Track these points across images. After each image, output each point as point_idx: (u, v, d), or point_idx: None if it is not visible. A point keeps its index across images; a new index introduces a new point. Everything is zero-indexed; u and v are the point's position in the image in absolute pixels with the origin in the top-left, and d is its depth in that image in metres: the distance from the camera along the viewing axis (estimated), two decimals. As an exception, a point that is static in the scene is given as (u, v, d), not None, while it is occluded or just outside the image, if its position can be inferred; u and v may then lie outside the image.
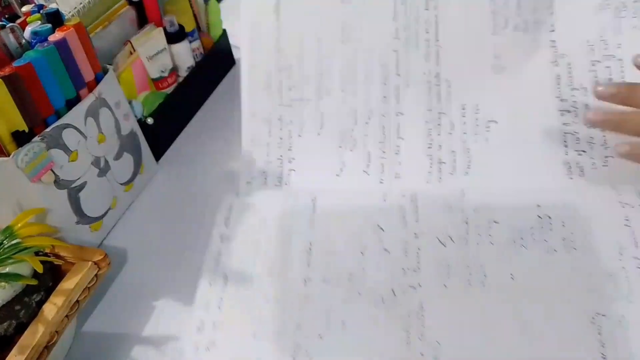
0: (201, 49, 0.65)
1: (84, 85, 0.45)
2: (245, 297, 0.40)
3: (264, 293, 0.40)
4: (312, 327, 0.37)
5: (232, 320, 0.39)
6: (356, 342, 0.36)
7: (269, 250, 0.42)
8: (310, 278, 0.40)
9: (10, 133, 0.38)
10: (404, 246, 0.40)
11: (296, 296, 0.39)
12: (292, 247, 0.42)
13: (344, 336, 0.37)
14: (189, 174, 0.56)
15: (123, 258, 0.48)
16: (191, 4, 0.63)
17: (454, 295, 0.37)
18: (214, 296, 0.40)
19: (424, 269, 0.39)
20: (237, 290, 0.41)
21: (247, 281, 0.41)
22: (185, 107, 0.64)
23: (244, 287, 0.41)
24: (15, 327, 0.35)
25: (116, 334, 0.41)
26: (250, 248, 0.43)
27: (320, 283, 0.40)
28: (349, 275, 0.40)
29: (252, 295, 0.40)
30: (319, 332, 0.37)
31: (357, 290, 0.39)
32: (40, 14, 0.45)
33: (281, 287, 0.40)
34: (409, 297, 0.38)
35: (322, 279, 0.40)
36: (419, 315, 0.37)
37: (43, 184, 0.41)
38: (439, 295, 0.38)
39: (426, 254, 0.40)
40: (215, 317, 0.39)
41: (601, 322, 0.35)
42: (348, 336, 0.37)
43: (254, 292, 0.40)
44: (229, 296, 0.40)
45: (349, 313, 0.38)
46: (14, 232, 0.38)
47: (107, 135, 0.47)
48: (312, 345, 0.36)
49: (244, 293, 0.40)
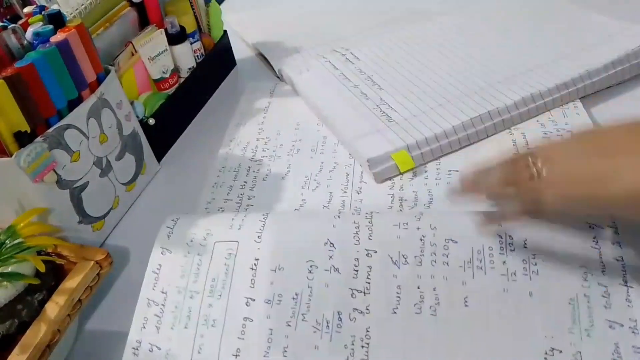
0: (202, 49, 0.65)
1: (85, 86, 0.45)
2: (185, 317, 0.38)
3: (203, 314, 0.38)
4: (252, 353, 0.35)
5: (174, 343, 0.37)
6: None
7: (212, 267, 0.40)
8: (252, 298, 0.37)
9: (13, 133, 0.39)
10: (354, 265, 0.37)
11: (236, 319, 0.37)
12: (235, 264, 0.39)
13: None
14: (190, 174, 0.56)
15: (125, 257, 0.48)
16: (192, 5, 0.63)
17: (403, 324, 0.35)
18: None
19: (374, 291, 0.36)
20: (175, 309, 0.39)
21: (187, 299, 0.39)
22: (187, 108, 0.64)
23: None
24: (17, 326, 0.36)
25: (118, 332, 0.41)
26: (188, 266, 0.40)
27: (263, 304, 0.37)
28: (295, 295, 0.37)
29: (192, 316, 0.38)
30: (259, 359, 0.35)
31: (301, 312, 0.36)
32: (42, 15, 0.45)
33: (221, 308, 0.38)
34: (355, 323, 0.35)
35: (265, 300, 0.37)
36: (363, 343, 0.35)
37: (45, 184, 0.41)
38: (386, 322, 0.35)
39: (377, 274, 0.37)
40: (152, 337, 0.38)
41: (555, 359, 0.32)
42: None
43: (193, 313, 0.38)
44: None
45: (291, 338, 0.35)
46: (16, 231, 0.38)
47: (109, 135, 0.48)
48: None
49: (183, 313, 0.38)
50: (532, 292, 0.34)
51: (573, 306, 0.33)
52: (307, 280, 0.37)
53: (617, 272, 0.34)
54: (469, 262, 0.36)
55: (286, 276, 0.38)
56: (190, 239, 0.41)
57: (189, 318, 0.38)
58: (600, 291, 0.33)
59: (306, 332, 0.36)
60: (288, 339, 0.35)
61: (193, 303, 0.38)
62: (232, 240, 0.40)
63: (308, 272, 0.38)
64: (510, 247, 0.36)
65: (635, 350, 0.31)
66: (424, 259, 0.37)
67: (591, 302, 0.33)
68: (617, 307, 0.33)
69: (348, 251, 0.38)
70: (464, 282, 0.35)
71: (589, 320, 0.33)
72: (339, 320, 0.36)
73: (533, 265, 0.35)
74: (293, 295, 0.37)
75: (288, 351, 0.35)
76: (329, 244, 0.38)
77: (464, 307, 0.35)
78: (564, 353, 0.32)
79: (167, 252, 0.41)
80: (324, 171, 0.52)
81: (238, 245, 0.40)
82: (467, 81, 0.55)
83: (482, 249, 0.36)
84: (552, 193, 0.32)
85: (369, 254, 0.37)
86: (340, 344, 0.35)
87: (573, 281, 0.34)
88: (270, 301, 0.37)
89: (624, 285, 0.33)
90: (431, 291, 0.35)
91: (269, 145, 0.57)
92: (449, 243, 0.37)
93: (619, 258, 0.34)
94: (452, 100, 0.53)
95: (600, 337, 0.32)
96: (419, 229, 0.38)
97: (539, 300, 0.34)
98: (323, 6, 0.86)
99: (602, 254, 0.35)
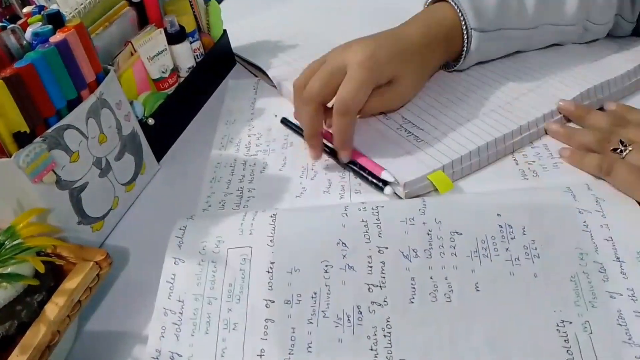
0: (202, 49, 0.65)
1: (85, 85, 0.45)
2: (204, 323, 0.39)
3: (223, 318, 0.38)
4: (276, 352, 0.36)
5: (195, 349, 0.38)
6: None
7: (228, 273, 0.40)
8: (272, 300, 0.38)
9: (12, 134, 0.39)
10: (368, 262, 0.39)
11: (258, 320, 0.38)
12: (251, 269, 0.40)
13: (310, 359, 0.36)
14: (190, 173, 0.56)
15: (124, 258, 0.48)
16: (192, 5, 0.63)
17: (421, 312, 0.36)
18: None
19: (389, 284, 0.38)
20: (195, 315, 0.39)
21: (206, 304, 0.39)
22: (186, 108, 0.64)
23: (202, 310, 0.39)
24: (16, 327, 0.36)
25: (118, 333, 0.41)
26: (203, 274, 0.41)
27: (282, 304, 0.38)
28: (313, 294, 0.38)
29: (212, 321, 0.39)
30: (284, 357, 0.36)
31: (321, 309, 0.38)
32: (41, 15, 0.45)
33: (241, 312, 0.38)
34: (375, 315, 0.37)
35: (285, 300, 0.38)
36: (385, 333, 0.36)
37: (44, 185, 0.41)
38: (405, 312, 0.37)
39: (390, 268, 0.38)
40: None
41: (567, 330, 0.34)
42: (314, 359, 0.36)
43: (212, 319, 0.39)
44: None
45: (314, 334, 0.37)
46: (15, 232, 0.38)
47: (108, 135, 0.48)
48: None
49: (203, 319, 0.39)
50: (536, 273, 0.37)
51: (575, 282, 0.36)
52: (324, 279, 0.39)
53: (609, 251, 0.37)
54: (475, 252, 0.38)
55: (303, 277, 0.39)
56: (202, 247, 0.42)
57: (208, 324, 0.38)
58: (597, 267, 0.37)
59: (328, 327, 0.37)
60: (311, 336, 0.37)
61: (212, 309, 0.39)
62: (245, 246, 0.41)
63: (324, 271, 0.39)
64: (510, 235, 0.39)
65: (637, 315, 0.34)
66: (433, 252, 0.39)
67: (590, 277, 0.36)
68: (614, 279, 0.36)
69: (360, 249, 0.40)
70: (472, 270, 0.38)
71: (591, 293, 0.36)
72: (359, 314, 0.37)
73: (533, 250, 0.38)
74: (312, 294, 0.38)
75: (312, 347, 0.36)
76: (341, 243, 0.40)
77: (476, 292, 0.37)
78: (573, 324, 0.35)
79: (180, 261, 0.42)
80: (320, 160, 0.53)
81: (252, 250, 0.41)
82: (491, 96, 0.54)
83: (486, 238, 0.39)
84: (625, 172, 0.41)
85: (380, 251, 0.39)
86: (363, 335, 0.36)
87: (571, 261, 0.37)
88: (290, 301, 0.38)
89: (617, 261, 0.37)
90: (443, 280, 0.38)
91: (262, 141, 0.58)
92: (454, 235, 0.39)
93: (608, 238, 0.38)
94: (479, 116, 0.51)
95: (603, 307, 0.35)
96: (425, 223, 0.40)
97: (543, 280, 0.37)
98: (309, 10, 0.84)
99: (593, 236, 0.38)
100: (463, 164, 0.47)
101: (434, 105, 0.54)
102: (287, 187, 0.51)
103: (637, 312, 0.34)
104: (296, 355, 0.36)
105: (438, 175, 0.46)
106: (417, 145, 0.49)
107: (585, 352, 0.33)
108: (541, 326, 0.35)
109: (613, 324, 0.34)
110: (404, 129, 0.52)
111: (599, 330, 0.34)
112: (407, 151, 0.49)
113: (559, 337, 0.34)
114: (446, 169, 0.47)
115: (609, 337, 0.34)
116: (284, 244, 0.41)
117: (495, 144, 0.48)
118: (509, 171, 0.47)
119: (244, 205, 0.49)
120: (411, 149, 0.49)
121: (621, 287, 0.35)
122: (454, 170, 0.47)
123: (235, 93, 0.68)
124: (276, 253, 0.40)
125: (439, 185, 0.45)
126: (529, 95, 0.53)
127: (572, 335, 0.34)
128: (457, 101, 0.54)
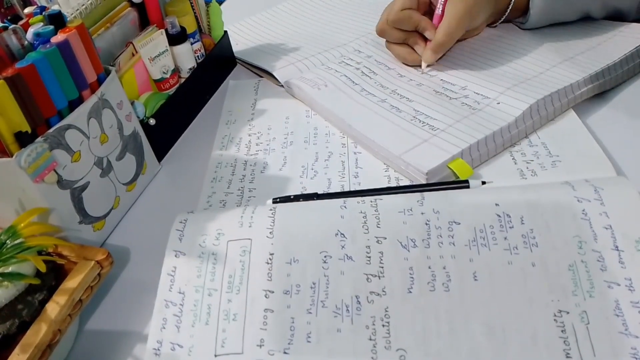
0: (203, 50, 0.65)
1: (86, 86, 0.45)
2: (205, 314, 0.39)
3: (223, 309, 0.39)
4: (276, 342, 0.36)
5: (196, 339, 0.38)
6: (322, 354, 0.36)
7: (228, 265, 0.41)
8: (271, 290, 0.39)
9: (13, 134, 0.39)
10: (366, 252, 0.39)
11: (257, 310, 0.38)
12: (251, 260, 0.40)
13: (309, 349, 0.36)
14: (191, 174, 0.56)
15: (125, 257, 0.48)
16: (192, 6, 0.63)
17: (419, 301, 0.37)
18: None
19: (388, 274, 0.38)
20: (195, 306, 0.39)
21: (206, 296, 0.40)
22: (187, 108, 0.64)
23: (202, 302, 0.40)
24: (18, 326, 0.36)
25: (119, 332, 0.41)
26: (203, 266, 0.41)
27: (282, 295, 0.38)
28: (312, 284, 0.38)
29: (212, 312, 0.39)
30: (284, 347, 0.36)
31: (320, 299, 0.38)
32: (42, 16, 0.45)
33: (241, 302, 0.39)
34: (373, 305, 0.37)
35: (284, 291, 0.38)
36: (384, 322, 0.36)
37: (46, 184, 0.41)
38: (403, 301, 0.37)
39: (389, 259, 0.39)
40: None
41: (564, 320, 0.34)
42: (313, 348, 0.36)
43: (212, 310, 0.39)
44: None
45: (313, 324, 0.37)
46: (17, 231, 0.38)
47: (109, 135, 0.48)
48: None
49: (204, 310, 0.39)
50: (534, 262, 0.37)
51: (573, 271, 0.36)
52: (323, 270, 0.39)
53: (608, 239, 0.37)
54: (474, 241, 0.38)
55: (302, 268, 0.39)
56: (203, 240, 0.42)
57: (209, 315, 0.39)
58: (595, 256, 0.36)
59: (327, 317, 0.37)
60: (310, 325, 0.37)
61: (212, 300, 0.39)
62: (244, 238, 0.42)
63: (323, 262, 0.39)
64: (509, 224, 0.39)
65: (633, 305, 0.34)
66: (431, 242, 0.39)
67: (588, 266, 0.36)
68: (612, 269, 0.36)
69: (359, 240, 0.40)
70: (471, 259, 0.38)
71: (589, 282, 0.35)
72: (357, 304, 0.37)
73: (532, 239, 0.38)
74: (311, 285, 0.38)
75: (311, 337, 0.36)
76: (339, 234, 0.40)
77: (474, 281, 0.37)
78: (571, 314, 0.34)
79: (181, 254, 0.42)
80: (320, 160, 0.53)
81: (251, 242, 0.41)
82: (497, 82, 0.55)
83: (484, 227, 0.39)
84: None
85: (379, 241, 0.39)
86: (361, 325, 0.36)
87: (569, 250, 0.37)
88: (289, 292, 0.38)
89: (615, 250, 0.36)
90: (441, 270, 0.37)
91: (262, 140, 0.58)
92: (452, 225, 0.39)
93: (607, 226, 0.37)
94: (490, 104, 0.52)
95: (601, 297, 0.35)
96: (423, 213, 0.40)
97: (541, 269, 0.36)
98: (310, 12, 0.85)
99: (592, 224, 0.38)
100: (480, 150, 0.48)
101: (443, 97, 0.55)
102: (287, 186, 0.51)
103: (634, 302, 0.34)
104: (295, 344, 0.36)
105: (458, 162, 0.47)
106: (433, 134, 0.50)
107: (582, 342, 0.33)
108: (539, 316, 0.35)
109: (610, 315, 0.34)
110: (418, 120, 0.53)
111: (596, 321, 0.34)
112: (424, 139, 0.50)
113: (556, 328, 0.34)
114: (465, 154, 0.48)
115: (605, 327, 0.34)
116: (283, 235, 0.41)
117: (509, 128, 0.49)
118: (507, 170, 0.48)
119: (245, 205, 0.49)
120: (428, 138, 0.50)
121: (619, 277, 0.35)
122: (473, 158, 0.48)
123: (235, 93, 0.68)
124: (275, 244, 0.40)
125: (459, 172, 0.46)
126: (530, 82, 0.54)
127: (569, 325, 0.34)
128: (465, 91, 0.55)
